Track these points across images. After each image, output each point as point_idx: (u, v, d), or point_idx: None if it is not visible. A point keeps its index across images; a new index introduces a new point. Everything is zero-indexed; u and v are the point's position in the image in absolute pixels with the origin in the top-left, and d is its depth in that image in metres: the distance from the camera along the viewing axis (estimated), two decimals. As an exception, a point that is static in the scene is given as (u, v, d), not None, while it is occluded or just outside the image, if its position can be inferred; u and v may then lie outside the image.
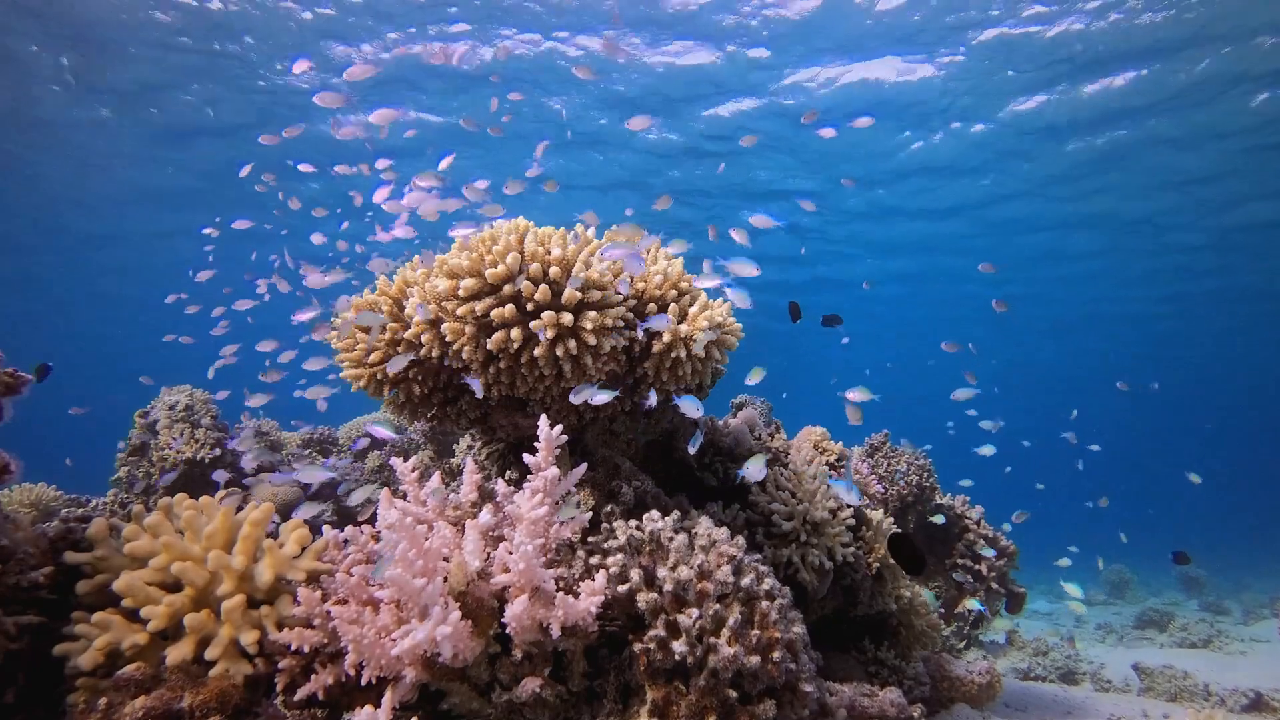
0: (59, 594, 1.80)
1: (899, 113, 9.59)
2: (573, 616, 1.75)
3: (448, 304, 2.13)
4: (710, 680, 1.76)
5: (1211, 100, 8.89)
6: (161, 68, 8.55)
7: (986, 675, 3.29)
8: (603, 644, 1.89)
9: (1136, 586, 10.54)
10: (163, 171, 11.29)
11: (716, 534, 2.03)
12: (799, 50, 8.37)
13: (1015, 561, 4.28)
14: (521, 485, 2.04)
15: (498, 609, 1.80)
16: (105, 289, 17.07)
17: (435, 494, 2.03)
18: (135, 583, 1.76)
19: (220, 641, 1.74)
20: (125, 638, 1.72)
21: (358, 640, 1.68)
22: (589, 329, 2.08)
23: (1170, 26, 7.56)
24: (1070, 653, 5.78)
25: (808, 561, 2.57)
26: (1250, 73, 8.28)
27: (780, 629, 1.86)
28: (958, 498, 4.45)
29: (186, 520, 1.86)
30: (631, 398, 2.43)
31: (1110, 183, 11.28)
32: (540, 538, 1.89)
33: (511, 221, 2.24)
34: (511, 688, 1.76)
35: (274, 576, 1.86)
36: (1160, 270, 15.06)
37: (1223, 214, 12.16)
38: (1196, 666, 5.35)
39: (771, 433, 3.20)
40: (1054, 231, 13.40)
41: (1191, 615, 8.49)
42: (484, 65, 8.51)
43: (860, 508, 3.04)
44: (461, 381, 2.31)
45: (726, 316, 2.40)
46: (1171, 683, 4.69)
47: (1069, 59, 8.23)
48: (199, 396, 3.84)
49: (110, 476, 3.92)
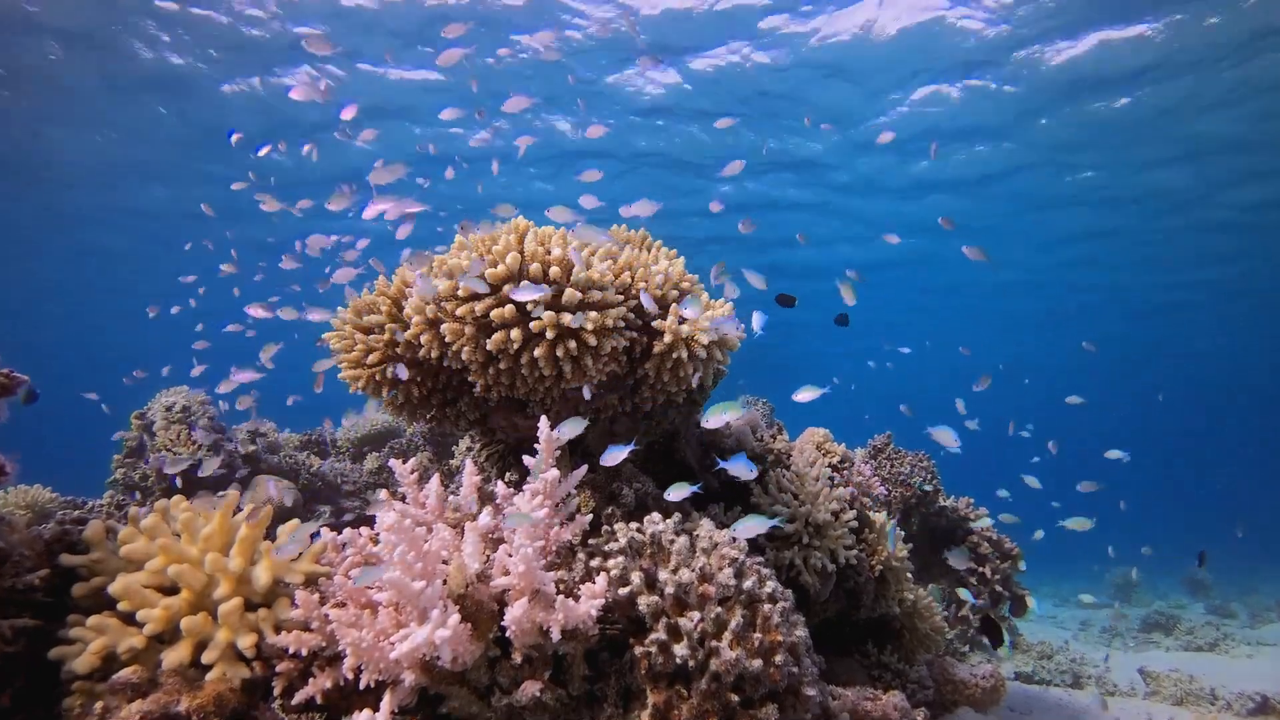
0: (55, 597, 1.79)
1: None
2: (573, 619, 1.73)
3: (447, 304, 2.11)
4: (712, 684, 1.74)
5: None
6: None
7: (990, 679, 3.26)
8: (603, 647, 1.87)
9: (1142, 590, 10.48)
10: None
11: (718, 536, 2.02)
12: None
13: (1019, 564, 4.26)
14: (521, 487, 2.03)
15: (497, 612, 1.78)
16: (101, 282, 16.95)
17: (434, 495, 2.01)
18: (132, 586, 1.75)
19: (217, 645, 1.73)
20: (121, 641, 1.70)
21: (356, 643, 1.67)
22: (589, 329, 2.07)
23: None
24: (1075, 656, 5.74)
25: (810, 564, 2.55)
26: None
27: (782, 632, 1.84)
28: (961, 500, 4.42)
29: (183, 523, 1.84)
30: (632, 399, 2.41)
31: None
32: (540, 540, 1.87)
33: (511, 221, 2.23)
34: (511, 691, 1.75)
35: (271, 579, 1.85)
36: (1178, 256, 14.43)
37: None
38: (1203, 670, 5.31)
39: (774, 434, 3.18)
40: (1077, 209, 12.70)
41: (1198, 618, 8.43)
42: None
43: (863, 509, 3.02)
44: (460, 382, 2.30)
45: (728, 317, 2.38)
46: (1177, 686, 4.66)
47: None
48: (196, 398, 3.84)
49: (106, 478, 3.91)
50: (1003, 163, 11.26)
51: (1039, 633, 7.55)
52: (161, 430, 3.62)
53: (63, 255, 15.33)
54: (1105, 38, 8.10)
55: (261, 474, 3.67)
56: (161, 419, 3.61)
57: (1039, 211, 12.98)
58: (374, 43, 8.33)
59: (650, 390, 2.35)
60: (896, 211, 13.15)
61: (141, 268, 15.62)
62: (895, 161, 11.38)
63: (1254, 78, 8.57)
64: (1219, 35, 7.84)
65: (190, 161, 11.13)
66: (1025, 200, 12.55)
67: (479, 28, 8.01)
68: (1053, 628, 8.56)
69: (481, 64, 8.55)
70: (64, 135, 10.28)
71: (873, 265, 15.63)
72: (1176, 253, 14.42)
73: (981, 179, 11.85)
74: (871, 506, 3.19)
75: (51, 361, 26.02)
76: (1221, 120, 9.56)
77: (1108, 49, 8.24)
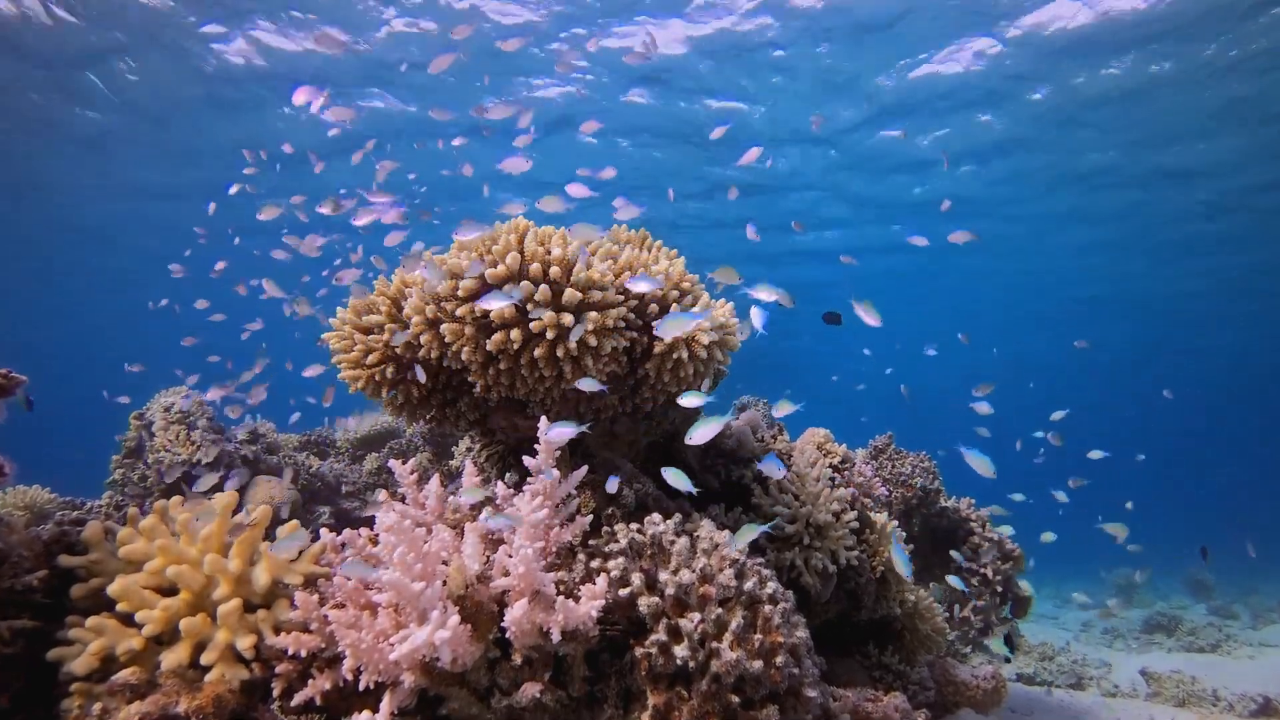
0: (54, 598, 1.78)
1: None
2: (573, 621, 1.73)
3: (447, 304, 2.11)
4: (712, 685, 1.73)
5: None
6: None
7: (992, 680, 3.25)
8: (604, 648, 1.87)
9: (1144, 590, 10.46)
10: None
11: (719, 537, 2.01)
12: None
13: (1021, 565, 4.25)
14: (521, 488, 2.02)
15: (497, 613, 1.78)
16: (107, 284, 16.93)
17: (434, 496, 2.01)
18: (130, 587, 1.74)
19: (216, 646, 1.72)
20: (120, 642, 1.70)
21: (355, 645, 1.66)
22: (590, 330, 2.06)
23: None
24: (1077, 657, 5.73)
25: (811, 565, 2.54)
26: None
27: (783, 633, 1.84)
28: (963, 500, 4.41)
29: (182, 523, 1.84)
30: (633, 399, 2.41)
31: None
32: (540, 541, 1.87)
33: (511, 221, 2.22)
34: (511, 693, 1.74)
35: (271, 580, 1.84)
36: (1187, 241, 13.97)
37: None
38: (1205, 671, 5.31)
39: (774, 434, 3.17)
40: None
41: (1200, 619, 8.41)
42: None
43: (864, 510, 3.01)
44: (460, 382, 2.30)
45: (729, 317, 2.38)
46: (1180, 688, 4.65)
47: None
48: (195, 398, 3.82)
49: (105, 479, 3.89)
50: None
51: (1040, 634, 7.55)
52: (160, 431, 3.61)
53: (63, 253, 15.36)
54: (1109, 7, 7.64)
55: (261, 475, 3.66)
56: (160, 419, 3.60)
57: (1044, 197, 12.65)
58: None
59: (651, 390, 2.35)
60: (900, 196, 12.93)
61: (141, 268, 15.64)
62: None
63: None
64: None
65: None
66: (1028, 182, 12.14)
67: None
68: (1054, 629, 8.55)
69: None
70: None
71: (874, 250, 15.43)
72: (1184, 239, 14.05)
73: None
74: (873, 507, 3.18)
75: (51, 361, 26.01)
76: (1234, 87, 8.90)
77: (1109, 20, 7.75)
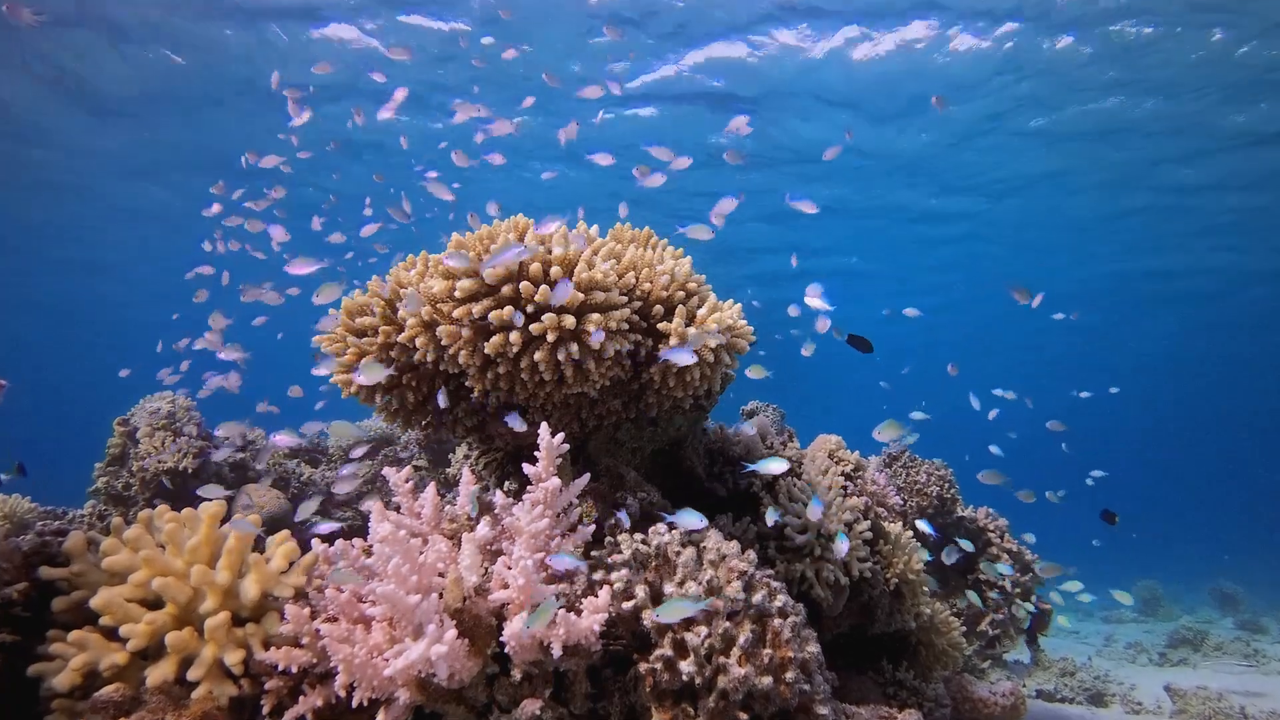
0: (34, 611, 1.73)
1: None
2: (575, 635, 1.65)
3: (443, 306, 2.05)
4: (720, 702, 1.66)
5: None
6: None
7: (1010, 697, 3.14)
8: (607, 664, 1.79)
9: (1168, 603, 10.24)
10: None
11: (726, 548, 1.94)
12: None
13: (1041, 577, 4.13)
14: (521, 496, 1.95)
15: (496, 627, 1.71)
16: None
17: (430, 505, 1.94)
18: (114, 599, 1.68)
19: (203, 661, 1.66)
20: (103, 657, 1.64)
21: (348, 660, 1.60)
22: (591, 332, 2.00)
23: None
24: (1099, 673, 5.58)
25: (822, 577, 2.46)
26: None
27: (793, 648, 1.76)
28: (980, 510, 4.31)
29: (168, 534, 1.78)
30: (637, 405, 2.34)
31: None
32: (541, 552, 1.80)
33: (510, 219, 2.17)
34: (510, 710, 1.67)
35: (260, 593, 1.78)
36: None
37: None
38: (1231, 687, 5.15)
39: (784, 441, 3.09)
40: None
41: (1227, 634, 8.20)
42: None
43: (877, 520, 2.92)
44: (457, 386, 2.23)
45: (737, 319, 2.30)
46: (1205, 704, 4.50)
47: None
48: (181, 403, 3.75)
49: (88, 487, 3.82)
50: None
51: (1061, 648, 7.37)
52: (146, 437, 3.54)
53: (55, 254, 15.40)
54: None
55: (249, 482, 3.60)
56: (146, 425, 3.54)
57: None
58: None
59: (655, 396, 2.28)
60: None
61: (141, 267, 15.70)
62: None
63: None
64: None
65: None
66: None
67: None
68: (1075, 643, 8.36)
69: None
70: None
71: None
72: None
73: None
74: (886, 517, 3.09)
75: (38, 372, 26.03)
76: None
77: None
